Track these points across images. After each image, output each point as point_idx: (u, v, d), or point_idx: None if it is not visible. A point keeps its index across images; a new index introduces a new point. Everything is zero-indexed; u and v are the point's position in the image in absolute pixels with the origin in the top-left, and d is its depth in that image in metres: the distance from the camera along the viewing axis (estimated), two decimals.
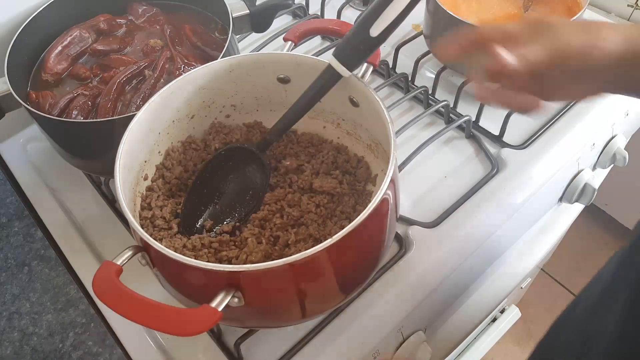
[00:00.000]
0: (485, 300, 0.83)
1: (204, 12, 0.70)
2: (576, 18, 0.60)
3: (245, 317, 0.44)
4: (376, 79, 0.75)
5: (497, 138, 0.66)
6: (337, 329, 0.52)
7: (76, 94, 0.61)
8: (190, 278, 0.40)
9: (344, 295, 0.46)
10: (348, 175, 0.54)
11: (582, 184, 0.73)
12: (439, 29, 0.69)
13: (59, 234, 0.64)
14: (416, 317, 0.56)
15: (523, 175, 0.62)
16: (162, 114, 0.51)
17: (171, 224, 0.51)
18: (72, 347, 0.56)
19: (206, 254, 0.48)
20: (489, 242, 0.61)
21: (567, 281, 1.54)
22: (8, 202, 0.68)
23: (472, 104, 0.69)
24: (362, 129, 0.54)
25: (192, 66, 0.62)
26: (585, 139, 0.68)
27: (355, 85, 0.49)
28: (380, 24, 0.43)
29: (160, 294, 0.45)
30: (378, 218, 0.43)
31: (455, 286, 0.62)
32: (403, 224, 0.59)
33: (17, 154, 0.73)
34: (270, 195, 0.53)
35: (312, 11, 0.87)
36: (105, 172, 0.62)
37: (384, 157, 0.51)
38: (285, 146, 0.57)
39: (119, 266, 0.38)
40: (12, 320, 0.58)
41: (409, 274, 0.55)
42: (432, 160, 0.65)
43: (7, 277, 0.61)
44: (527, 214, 0.67)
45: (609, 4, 0.89)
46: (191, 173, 0.55)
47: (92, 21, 0.68)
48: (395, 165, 0.42)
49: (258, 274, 0.38)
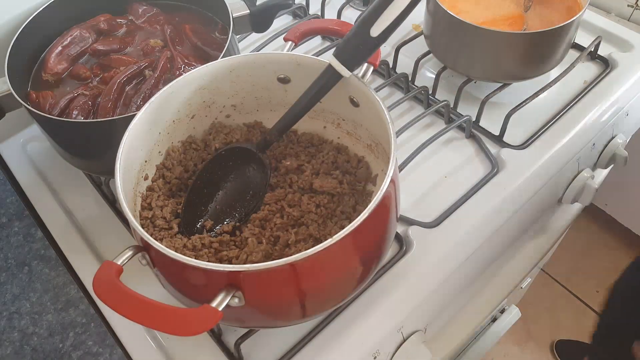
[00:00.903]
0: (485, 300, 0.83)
1: (204, 12, 0.70)
2: (576, 18, 0.61)
3: (245, 317, 0.44)
4: (376, 79, 0.75)
5: (497, 138, 0.66)
6: (337, 329, 0.52)
7: (76, 94, 0.61)
8: (191, 278, 0.40)
9: (344, 295, 0.46)
10: (348, 175, 0.54)
11: (582, 184, 0.73)
12: (439, 29, 0.69)
13: (59, 234, 0.64)
14: (416, 317, 0.56)
15: (523, 175, 0.62)
16: (162, 114, 0.51)
17: (171, 224, 0.51)
18: (72, 347, 0.56)
19: (206, 254, 0.48)
20: (489, 242, 0.61)
21: (567, 281, 1.54)
22: (8, 202, 0.68)
23: (472, 104, 0.69)
24: (363, 129, 0.54)
25: (192, 66, 0.62)
26: (585, 139, 0.68)
27: (355, 85, 0.49)
28: (381, 24, 0.43)
29: (160, 294, 0.45)
30: (378, 218, 0.43)
31: (455, 286, 0.62)
32: (403, 224, 0.59)
33: (17, 154, 0.73)
34: (271, 195, 0.53)
35: (312, 11, 0.87)
36: (105, 172, 0.62)
37: (384, 157, 0.51)
38: (285, 146, 0.57)
39: (119, 266, 0.38)
40: (12, 320, 0.58)
41: (409, 274, 0.55)
42: (432, 160, 0.65)
43: (7, 277, 0.61)
44: (527, 214, 0.68)
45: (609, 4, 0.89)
46: (191, 173, 0.55)
47: (92, 21, 0.68)
48: (395, 165, 0.42)
49: (258, 274, 0.38)
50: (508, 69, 0.66)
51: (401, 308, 0.54)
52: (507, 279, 0.84)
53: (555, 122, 0.67)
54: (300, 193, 0.53)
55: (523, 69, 0.66)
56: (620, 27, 0.78)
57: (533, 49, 0.63)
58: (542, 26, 0.67)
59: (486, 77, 0.69)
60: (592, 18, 0.79)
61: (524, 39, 0.62)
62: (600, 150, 0.76)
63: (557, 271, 1.56)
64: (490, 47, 0.64)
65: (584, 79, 0.72)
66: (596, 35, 0.74)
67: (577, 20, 0.61)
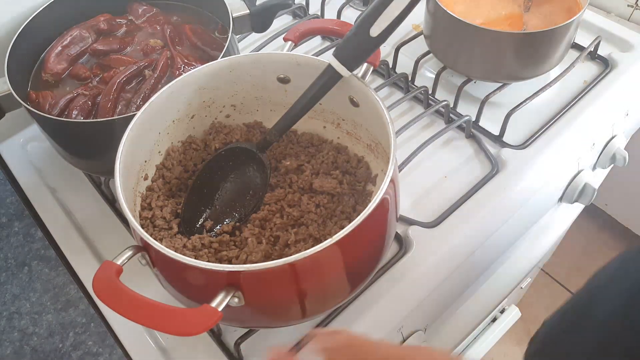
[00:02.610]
0: (485, 300, 0.83)
1: (204, 12, 0.70)
2: (576, 18, 0.61)
3: (245, 317, 0.44)
4: (376, 79, 0.75)
5: (497, 138, 0.66)
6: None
7: (76, 94, 0.61)
8: (190, 278, 0.40)
9: (344, 295, 0.46)
10: (348, 175, 0.54)
11: (582, 184, 0.73)
12: (438, 29, 0.69)
13: (59, 234, 0.64)
14: (416, 317, 0.56)
15: (523, 175, 0.62)
16: (162, 114, 0.51)
17: (171, 224, 0.51)
18: (72, 347, 0.56)
19: (206, 254, 0.48)
20: (489, 242, 0.61)
21: (567, 281, 1.54)
22: (8, 202, 0.68)
23: (472, 104, 0.69)
24: (362, 129, 0.54)
25: (192, 66, 0.62)
26: (585, 139, 0.68)
27: (355, 85, 0.49)
28: (381, 24, 0.43)
29: (160, 294, 0.45)
30: (378, 218, 0.43)
31: (455, 286, 0.62)
32: (403, 224, 0.59)
33: (17, 154, 0.73)
34: (270, 195, 0.53)
35: (312, 11, 0.87)
36: (105, 172, 0.62)
37: (384, 157, 0.51)
38: (285, 146, 0.57)
39: (119, 266, 0.38)
40: (12, 320, 0.58)
41: (409, 274, 0.55)
42: (432, 160, 0.65)
43: (7, 277, 0.61)
44: (527, 214, 0.67)
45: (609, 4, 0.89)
46: (191, 173, 0.55)
47: (92, 21, 0.68)
48: (395, 165, 0.42)
49: (258, 274, 0.38)
50: (508, 69, 0.66)
51: (401, 308, 0.54)
52: (507, 279, 0.84)
53: (555, 122, 0.67)
54: (300, 193, 0.53)
55: (523, 69, 0.66)
56: (620, 27, 0.78)
57: (533, 49, 0.63)
58: (542, 26, 0.67)
59: (486, 77, 0.69)
60: (592, 18, 0.79)
61: (523, 39, 0.62)
62: (600, 150, 0.75)
63: (557, 271, 1.56)
64: (490, 47, 0.64)
65: (583, 78, 0.72)
66: (596, 35, 0.74)
67: (577, 20, 0.61)
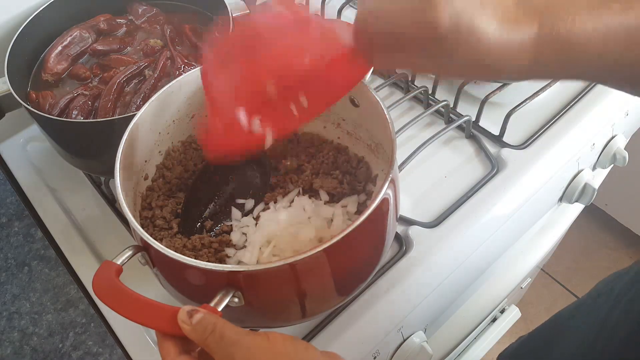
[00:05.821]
0: (485, 300, 0.83)
1: (204, 12, 0.70)
2: None
3: (245, 317, 0.44)
4: (376, 79, 0.75)
5: (497, 138, 0.66)
6: (337, 329, 0.52)
7: (76, 94, 0.61)
8: (190, 278, 0.40)
9: (344, 295, 0.46)
10: (348, 175, 0.54)
11: (582, 184, 0.73)
12: None
13: (59, 234, 0.64)
14: (416, 317, 0.56)
15: (523, 175, 0.62)
16: (162, 114, 0.51)
17: (171, 223, 0.51)
18: (72, 347, 0.56)
19: (206, 253, 0.48)
20: (489, 242, 0.61)
21: (567, 281, 1.54)
22: (8, 202, 0.68)
23: (472, 104, 0.69)
24: (363, 129, 0.54)
25: (192, 66, 0.62)
26: (585, 139, 0.68)
27: (355, 86, 0.48)
28: None
29: (160, 294, 0.45)
30: (378, 218, 0.43)
31: (455, 286, 0.62)
32: (403, 224, 0.59)
33: (17, 154, 0.73)
34: (270, 196, 0.53)
35: (312, 11, 0.87)
36: (105, 172, 0.62)
37: (384, 157, 0.51)
38: (285, 146, 0.57)
39: (119, 266, 0.38)
40: (12, 320, 0.58)
41: (409, 274, 0.55)
42: (432, 160, 0.65)
43: (7, 277, 0.61)
44: (527, 214, 0.67)
45: None
46: (191, 173, 0.55)
47: (92, 21, 0.68)
48: (395, 165, 0.42)
49: (258, 274, 0.38)
50: None
51: (401, 308, 0.54)
52: (507, 279, 0.84)
53: (555, 122, 0.67)
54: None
55: None
56: None
57: None
58: None
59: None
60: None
61: None
62: (600, 150, 0.75)
63: (557, 271, 1.56)
64: None
65: None
66: None
67: None
